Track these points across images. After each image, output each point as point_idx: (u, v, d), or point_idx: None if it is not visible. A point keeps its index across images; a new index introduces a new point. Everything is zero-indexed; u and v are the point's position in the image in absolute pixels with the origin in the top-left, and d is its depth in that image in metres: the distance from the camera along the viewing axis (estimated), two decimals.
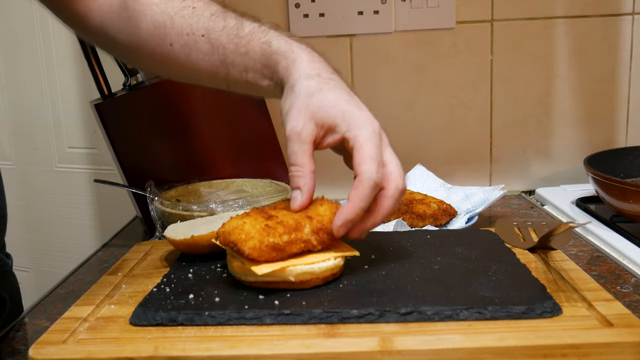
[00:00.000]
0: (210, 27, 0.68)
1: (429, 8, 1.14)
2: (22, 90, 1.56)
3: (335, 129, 0.61)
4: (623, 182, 0.88)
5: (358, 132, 0.60)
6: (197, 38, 0.68)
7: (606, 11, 1.15)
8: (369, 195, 0.59)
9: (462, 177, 1.19)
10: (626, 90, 1.18)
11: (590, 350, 0.50)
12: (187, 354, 0.51)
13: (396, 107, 1.18)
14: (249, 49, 0.67)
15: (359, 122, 0.60)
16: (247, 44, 0.67)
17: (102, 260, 0.89)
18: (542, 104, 1.18)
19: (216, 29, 0.68)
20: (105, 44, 0.76)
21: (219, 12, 0.69)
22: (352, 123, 0.60)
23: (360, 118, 0.61)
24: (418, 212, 0.90)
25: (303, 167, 0.61)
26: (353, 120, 0.60)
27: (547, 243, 0.72)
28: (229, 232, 0.60)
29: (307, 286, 0.60)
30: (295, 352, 0.51)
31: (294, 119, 0.61)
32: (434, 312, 0.55)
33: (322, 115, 0.61)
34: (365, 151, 0.59)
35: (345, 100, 0.61)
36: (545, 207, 1.08)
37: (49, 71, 1.50)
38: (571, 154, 1.19)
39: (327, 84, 0.62)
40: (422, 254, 0.69)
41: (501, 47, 1.16)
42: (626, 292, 0.69)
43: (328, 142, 0.62)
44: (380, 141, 0.61)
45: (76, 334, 0.55)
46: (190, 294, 0.60)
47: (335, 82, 0.63)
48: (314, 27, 1.14)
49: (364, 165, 0.59)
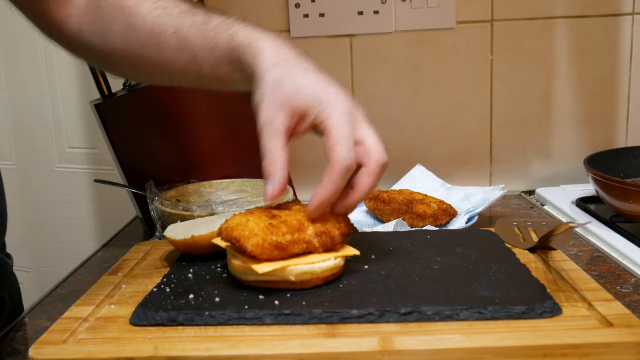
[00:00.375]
0: (179, 24, 0.69)
1: (429, 8, 1.14)
2: (22, 90, 1.56)
3: (306, 115, 0.60)
4: (623, 182, 0.88)
5: (327, 115, 0.59)
6: (167, 36, 0.69)
7: (606, 11, 1.15)
8: (341, 179, 0.58)
9: (462, 177, 1.19)
10: (626, 90, 1.18)
11: (590, 350, 0.50)
12: (187, 354, 0.51)
13: (396, 107, 1.18)
14: (216, 43, 0.66)
15: (328, 104, 0.59)
16: (214, 38, 0.67)
17: (102, 260, 0.89)
18: (542, 104, 1.18)
19: (185, 26, 0.68)
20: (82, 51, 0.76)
21: (187, 9, 0.69)
22: (320, 106, 0.59)
23: (329, 100, 0.60)
24: (418, 212, 0.90)
25: (275, 158, 0.60)
26: (321, 103, 0.59)
27: (547, 243, 0.72)
28: (232, 228, 0.60)
29: (307, 286, 0.60)
30: (295, 352, 0.51)
31: (264, 111, 0.61)
32: (434, 312, 0.55)
33: (292, 103, 0.60)
34: (335, 134, 0.58)
35: (313, 83, 0.61)
36: (545, 207, 1.08)
37: (49, 71, 1.50)
38: (571, 154, 1.19)
39: (293, 69, 0.61)
40: (422, 254, 0.69)
41: (501, 47, 1.16)
42: (626, 292, 0.69)
43: (302, 129, 0.62)
44: (353, 119, 0.60)
45: (76, 334, 0.55)
46: (190, 294, 0.60)
47: (302, 66, 0.62)
48: (314, 27, 1.14)
49: (334, 150, 0.58)
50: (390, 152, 0.58)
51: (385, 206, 0.93)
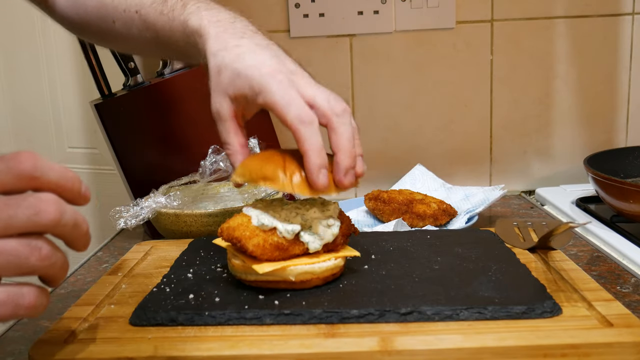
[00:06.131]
0: (141, 3, 0.70)
1: (429, 8, 1.14)
2: (22, 90, 1.56)
3: (248, 99, 0.60)
4: (623, 182, 0.88)
5: (266, 92, 0.58)
6: (132, 15, 0.70)
7: (606, 11, 1.14)
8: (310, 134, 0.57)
9: (462, 177, 1.19)
10: (626, 90, 1.18)
11: (590, 350, 0.50)
12: (187, 354, 0.51)
13: (396, 107, 1.18)
14: (172, 27, 0.67)
15: (264, 82, 0.58)
16: (171, 23, 0.67)
17: (102, 260, 0.89)
18: (542, 104, 1.18)
19: (145, 5, 0.70)
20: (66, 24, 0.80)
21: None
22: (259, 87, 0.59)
23: (263, 77, 0.59)
24: (418, 212, 0.90)
25: (231, 145, 0.62)
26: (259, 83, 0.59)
27: (547, 243, 0.72)
28: (234, 228, 0.60)
29: (307, 286, 0.60)
30: (295, 352, 0.51)
31: (212, 100, 0.62)
32: (434, 312, 0.55)
33: (233, 89, 0.60)
34: (280, 105, 0.57)
35: (248, 66, 0.60)
36: (545, 207, 1.08)
37: (49, 71, 1.50)
38: (571, 154, 1.19)
39: (231, 54, 0.61)
40: (422, 254, 0.69)
41: (501, 47, 1.16)
42: (626, 292, 0.69)
43: (250, 113, 0.63)
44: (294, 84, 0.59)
45: (76, 334, 0.55)
46: (190, 294, 0.60)
47: (241, 49, 0.61)
48: (314, 27, 1.14)
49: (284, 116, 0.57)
50: (390, 152, 0.57)
51: (385, 206, 0.93)
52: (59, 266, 0.43)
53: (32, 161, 0.41)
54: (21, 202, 0.41)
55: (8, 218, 0.40)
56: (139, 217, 0.85)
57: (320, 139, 0.58)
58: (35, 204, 0.41)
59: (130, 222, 0.84)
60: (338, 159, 0.59)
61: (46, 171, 0.42)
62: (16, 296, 0.42)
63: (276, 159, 0.60)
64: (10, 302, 0.41)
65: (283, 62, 0.61)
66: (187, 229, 0.85)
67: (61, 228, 0.43)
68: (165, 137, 1.02)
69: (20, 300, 0.42)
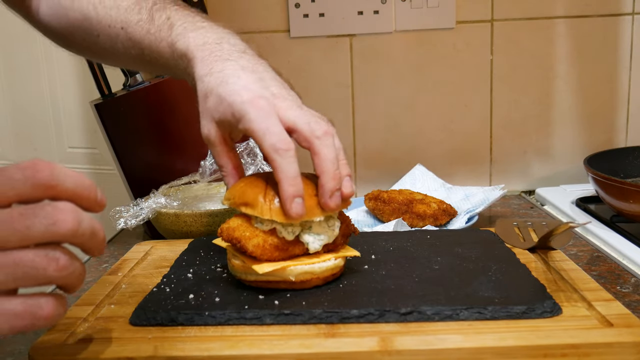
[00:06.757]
0: (127, 21, 0.69)
1: (429, 8, 1.14)
2: (22, 90, 1.56)
3: (232, 124, 0.60)
4: (623, 182, 0.88)
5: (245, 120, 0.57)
6: (117, 31, 0.70)
7: (606, 11, 1.15)
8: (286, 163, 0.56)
9: (462, 177, 1.19)
10: (626, 90, 1.18)
11: (590, 350, 0.50)
12: (187, 354, 0.51)
13: (396, 107, 1.18)
14: (159, 47, 0.67)
15: (243, 110, 0.58)
16: (158, 43, 0.67)
17: (102, 260, 0.89)
18: (542, 104, 1.18)
19: (131, 23, 0.69)
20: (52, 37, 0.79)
21: (134, 4, 0.70)
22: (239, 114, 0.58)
23: (244, 105, 0.58)
24: (418, 212, 0.90)
25: (224, 167, 0.63)
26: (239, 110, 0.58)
27: (547, 243, 0.72)
28: (234, 229, 0.60)
29: (307, 286, 0.60)
30: (295, 352, 0.51)
31: (201, 125, 0.63)
32: (434, 312, 0.55)
33: (217, 114, 0.61)
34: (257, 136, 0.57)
35: (232, 91, 0.59)
36: (545, 207, 1.08)
37: (49, 71, 1.50)
38: (571, 154, 1.19)
39: (216, 79, 0.61)
40: (422, 254, 0.69)
41: (501, 47, 1.16)
42: (626, 292, 0.69)
43: (237, 136, 0.63)
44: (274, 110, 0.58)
45: (76, 334, 0.55)
46: (190, 294, 0.60)
47: (224, 73, 0.61)
48: (314, 27, 1.14)
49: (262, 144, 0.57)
50: (390, 152, 0.57)
51: (385, 206, 0.93)
52: (77, 275, 0.43)
53: (49, 170, 0.41)
54: (38, 211, 0.40)
55: (25, 228, 0.39)
56: (139, 217, 0.85)
57: (295, 167, 0.57)
58: (53, 214, 0.40)
59: (130, 222, 0.84)
60: (321, 181, 0.58)
61: (62, 179, 0.41)
62: (34, 307, 0.41)
63: (260, 184, 0.60)
64: (28, 314, 0.41)
65: (267, 85, 0.60)
66: (187, 229, 0.85)
67: (79, 237, 0.42)
68: (166, 137, 1.02)
69: (39, 312, 0.41)
